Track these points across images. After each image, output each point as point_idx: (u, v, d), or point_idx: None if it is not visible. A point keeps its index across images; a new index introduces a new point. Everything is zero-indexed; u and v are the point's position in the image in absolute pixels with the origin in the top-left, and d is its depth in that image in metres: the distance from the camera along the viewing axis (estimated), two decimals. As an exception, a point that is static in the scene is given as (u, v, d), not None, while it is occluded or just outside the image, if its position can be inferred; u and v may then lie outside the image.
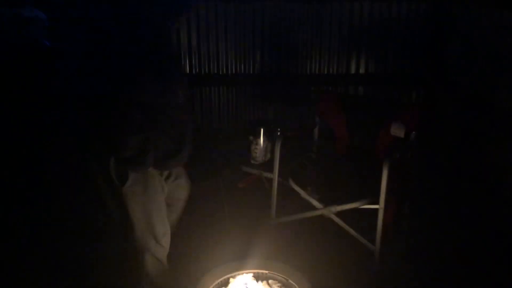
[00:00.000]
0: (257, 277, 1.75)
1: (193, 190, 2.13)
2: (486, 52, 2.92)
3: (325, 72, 3.54)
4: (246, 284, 1.72)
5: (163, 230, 1.91)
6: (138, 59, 2.04)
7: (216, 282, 1.71)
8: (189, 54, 3.46)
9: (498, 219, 2.58)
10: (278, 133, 2.55)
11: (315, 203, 2.30)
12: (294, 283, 1.69)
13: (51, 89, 3.99)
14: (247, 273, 1.75)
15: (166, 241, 1.93)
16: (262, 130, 2.58)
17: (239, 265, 1.77)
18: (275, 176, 2.41)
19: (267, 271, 1.75)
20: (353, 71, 3.55)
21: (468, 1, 3.14)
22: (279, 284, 1.73)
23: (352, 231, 2.28)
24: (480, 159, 2.97)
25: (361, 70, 3.55)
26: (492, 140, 2.83)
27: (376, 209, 2.13)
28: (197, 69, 3.51)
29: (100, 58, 3.06)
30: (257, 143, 2.59)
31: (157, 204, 1.89)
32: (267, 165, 2.55)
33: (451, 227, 2.59)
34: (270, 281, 1.74)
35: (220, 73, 3.51)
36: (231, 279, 1.74)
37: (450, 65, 3.41)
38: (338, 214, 2.27)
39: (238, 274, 1.75)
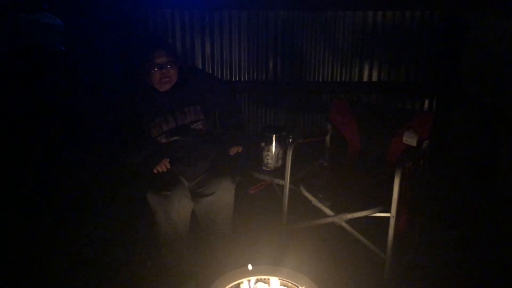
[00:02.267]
0: (267, 283, 1.75)
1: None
2: (500, 61, 2.91)
3: (338, 80, 3.54)
4: (256, 290, 1.72)
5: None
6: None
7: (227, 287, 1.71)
8: (202, 60, 3.50)
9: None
10: (290, 140, 2.56)
11: (326, 210, 2.30)
12: (304, 290, 1.68)
13: (65, 90, 4.08)
14: (257, 279, 1.75)
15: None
16: (274, 136, 2.59)
17: (249, 271, 1.77)
18: (287, 182, 2.42)
19: (277, 277, 1.75)
20: (365, 79, 3.55)
21: (482, 10, 3.12)
22: (289, 291, 1.73)
23: (363, 239, 2.27)
24: (493, 168, 2.94)
25: (374, 78, 3.55)
26: (506, 149, 2.81)
27: (388, 217, 2.12)
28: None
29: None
30: (269, 150, 2.61)
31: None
32: (279, 172, 2.56)
33: (464, 236, 2.57)
34: (280, 287, 1.74)
35: (233, 79, 3.54)
36: (241, 285, 1.74)
37: (463, 74, 3.39)
38: (349, 221, 2.27)
39: (249, 280, 1.75)
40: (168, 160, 2.19)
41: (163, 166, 2.18)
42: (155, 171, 2.18)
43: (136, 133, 2.24)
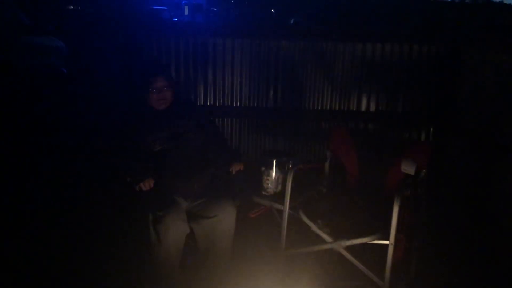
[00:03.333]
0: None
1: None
2: (495, 94, 2.99)
3: (336, 109, 3.61)
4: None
5: None
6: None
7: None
8: (204, 86, 3.57)
9: (510, 259, 2.57)
10: (290, 165, 2.59)
11: (325, 236, 2.31)
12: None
13: (66, 111, 4.14)
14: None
15: None
16: (274, 161, 2.62)
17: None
18: (286, 208, 2.44)
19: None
20: (363, 108, 3.62)
21: (477, 44, 3.23)
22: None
23: (361, 266, 2.28)
24: (490, 197, 2.98)
25: (372, 108, 3.62)
26: (502, 179, 2.85)
27: (386, 245, 2.14)
28: (212, 101, 3.60)
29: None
30: (269, 174, 2.63)
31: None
32: (278, 197, 2.58)
33: (461, 265, 2.58)
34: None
35: (234, 105, 3.60)
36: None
37: (459, 105, 3.47)
38: (348, 248, 2.28)
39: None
40: (153, 181, 2.24)
41: (147, 185, 2.22)
42: (137, 189, 2.21)
43: (132, 148, 2.31)
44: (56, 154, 3.65)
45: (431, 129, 3.67)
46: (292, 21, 27.97)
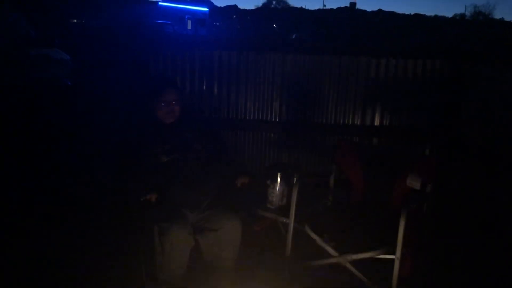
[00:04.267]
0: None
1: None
2: (499, 108, 3.00)
3: (341, 122, 3.62)
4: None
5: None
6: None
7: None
8: (210, 100, 3.59)
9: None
10: (295, 179, 2.59)
11: (330, 250, 2.30)
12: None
13: (68, 122, 4.18)
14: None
15: None
16: (279, 174, 2.62)
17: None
18: (291, 221, 2.43)
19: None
20: (368, 122, 3.63)
21: (480, 59, 3.26)
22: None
23: (366, 281, 2.26)
24: (496, 212, 2.97)
25: (376, 123, 3.63)
26: (508, 194, 2.85)
27: (392, 259, 2.12)
28: (217, 114, 3.62)
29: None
30: (274, 187, 2.63)
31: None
32: (283, 210, 2.58)
33: (468, 280, 2.56)
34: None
35: (240, 118, 3.61)
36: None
37: (464, 120, 3.48)
38: (353, 262, 2.26)
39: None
40: (156, 196, 2.24)
41: (149, 197, 2.23)
42: (142, 199, 2.22)
43: (138, 161, 2.31)
44: (60, 164, 3.66)
45: (436, 143, 3.66)
46: (294, 36, 28.30)
